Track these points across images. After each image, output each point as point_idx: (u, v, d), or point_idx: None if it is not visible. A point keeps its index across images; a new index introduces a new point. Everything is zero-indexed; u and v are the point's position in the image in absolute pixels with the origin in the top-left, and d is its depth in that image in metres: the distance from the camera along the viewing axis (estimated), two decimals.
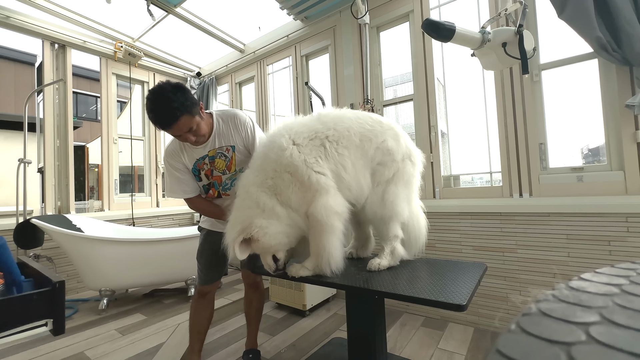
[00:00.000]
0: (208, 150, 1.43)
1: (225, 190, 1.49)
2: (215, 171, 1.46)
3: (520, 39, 1.46)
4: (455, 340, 1.88)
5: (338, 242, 1.18)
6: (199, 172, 1.46)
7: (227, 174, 1.46)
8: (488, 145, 2.18)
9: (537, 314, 0.25)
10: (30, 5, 2.73)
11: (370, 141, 1.26)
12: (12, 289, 2.16)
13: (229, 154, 1.45)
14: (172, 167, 1.45)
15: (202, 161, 1.45)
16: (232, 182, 1.47)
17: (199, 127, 1.33)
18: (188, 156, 1.44)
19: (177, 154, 1.44)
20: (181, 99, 1.24)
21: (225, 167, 1.46)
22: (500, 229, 1.98)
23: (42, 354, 1.84)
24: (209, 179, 1.47)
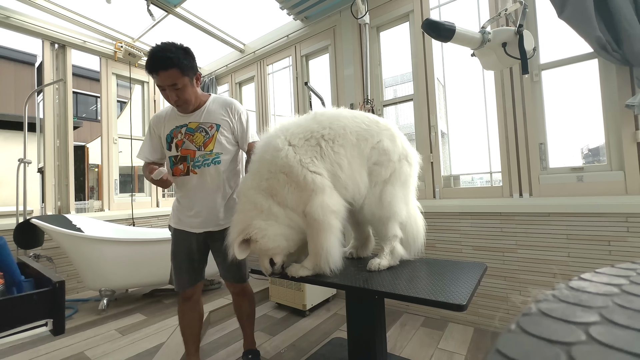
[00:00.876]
0: (189, 121, 1.42)
1: (195, 167, 1.41)
2: (189, 144, 1.40)
3: (520, 39, 1.46)
4: (455, 340, 1.88)
5: (336, 241, 1.19)
6: (172, 140, 1.43)
7: (202, 150, 1.41)
8: (488, 145, 2.18)
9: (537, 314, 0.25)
10: (30, 5, 2.73)
11: (366, 140, 1.26)
12: (12, 289, 2.16)
13: (211, 132, 1.42)
14: (151, 129, 1.48)
15: (178, 130, 1.42)
16: (204, 162, 1.41)
17: (185, 90, 1.33)
18: (168, 123, 1.45)
19: (161, 119, 1.47)
20: (180, 55, 1.29)
21: (203, 143, 1.41)
22: (500, 229, 1.98)
23: (42, 354, 1.84)
24: (177, 150, 1.41)
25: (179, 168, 1.44)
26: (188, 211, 1.46)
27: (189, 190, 1.44)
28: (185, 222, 1.47)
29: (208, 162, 1.42)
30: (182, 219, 1.48)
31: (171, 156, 1.45)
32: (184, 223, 1.48)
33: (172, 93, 1.32)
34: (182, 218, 1.48)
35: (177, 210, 1.50)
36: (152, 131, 1.49)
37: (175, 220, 1.51)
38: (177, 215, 1.50)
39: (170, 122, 1.45)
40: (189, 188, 1.44)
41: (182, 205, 1.48)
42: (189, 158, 1.41)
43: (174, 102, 1.35)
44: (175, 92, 1.32)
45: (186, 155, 1.41)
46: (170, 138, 1.43)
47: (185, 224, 1.47)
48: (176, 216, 1.51)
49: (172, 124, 1.44)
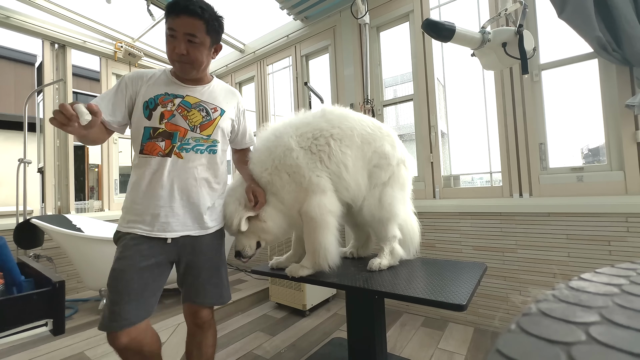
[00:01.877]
0: (187, 93, 1.15)
1: (181, 150, 1.11)
2: (181, 119, 1.11)
3: (520, 39, 1.46)
4: (455, 340, 1.88)
5: (333, 238, 1.22)
6: (155, 107, 1.10)
7: (197, 133, 1.14)
8: (488, 145, 2.18)
9: (537, 314, 0.25)
10: (30, 5, 2.73)
11: (369, 144, 1.30)
12: (12, 289, 2.16)
13: (213, 114, 1.18)
14: (123, 85, 1.14)
15: (169, 99, 1.12)
16: (197, 146, 1.14)
17: (199, 49, 1.09)
18: (154, 86, 1.14)
19: (143, 78, 1.15)
20: (212, 13, 1.11)
21: (200, 124, 1.14)
22: (500, 229, 1.98)
23: (42, 354, 1.84)
24: (160, 122, 1.09)
25: (157, 145, 1.09)
26: (157, 207, 1.08)
27: (165, 177, 1.09)
28: (152, 222, 1.07)
29: (202, 147, 1.16)
30: (147, 219, 1.07)
31: (148, 127, 1.10)
32: (148, 224, 1.07)
33: (183, 44, 1.05)
34: (147, 218, 1.07)
35: (138, 206, 1.08)
36: (124, 87, 1.13)
37: (132, 222, 1.08)
38: (136, 214, 1.08)
39: (157, 86, 1.14)
40: (166, 174, 1.09)
41: (149, 198, 1.08)
42: (176, 136, 1.11)
43: (178, 56, 1.07)
44: (187, 44, 1.06)
45: (173, 132, 1.10)
46: (154, 104, 1.10)
47: (151, 226, 1.07)
48: (135, 215, 1.08)
49: (160, 89, 1.13)
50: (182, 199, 1.12)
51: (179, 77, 1.17)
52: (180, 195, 1.11)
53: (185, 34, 1.05)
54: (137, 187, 1.10)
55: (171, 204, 1.10)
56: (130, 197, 1.11)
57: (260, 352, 1.83)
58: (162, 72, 1.18)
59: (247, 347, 1.88)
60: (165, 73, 1.18)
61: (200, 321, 1.20)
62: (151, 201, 1.08)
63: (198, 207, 1.15)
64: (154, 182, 1.09)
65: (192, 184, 1.13)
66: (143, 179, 1.09)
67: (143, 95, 1.12)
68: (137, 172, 1.11)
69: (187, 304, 1.20)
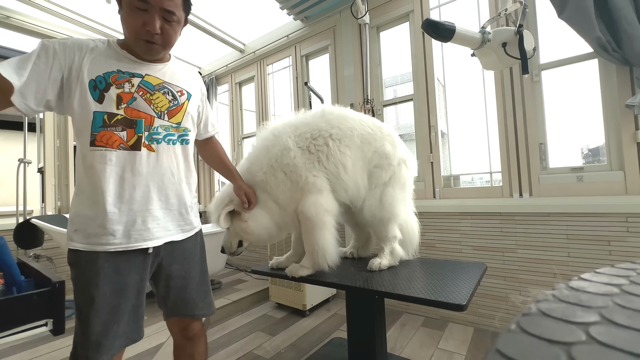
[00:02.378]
0: (146, 72, 0.95)
1: (151, 142, 0.94)
2: (144, 104, 0.93)
3: (520, 39, 1.46)
4: (455, 340, 1.88)
5: (331, 237, 1.22)
6: (107, 87, 0.88)
7: (166, 121, 0.97)
8: (488, 145, 2.18)
9: (537, 314, 0.25)
10: (30, 5, 2.72)
11: (369, 144, 1.30)
12: (12, 289, 2.16)
13: (181, 99, 1.01)
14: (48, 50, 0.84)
15: (125, 78, 0.91)
16: (168, 136, 0.98)
17: (174, 29, 0.93)
18: (101, 61, 0.90)
19: (82, 48, 0.89)
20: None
21: (167, 110, 0.97)
22: (500, 229, 1.98)
23: (42, 354, 1.84)
24: (118, 107, 0.89)
25: (115, 135, 0.89)
26: (132, 213, 0.91)
27: (137, 175, 0.91)
28: (126, 233, 0.90)
29: (174, 138, 0.99)
30: (119, 229, 0.88)
31: (100, 112, 0.88)
32: (122, 235, 0.89)
33: (158, 22, 0.87)
34: (118, 227, 0.89)
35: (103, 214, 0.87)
36: (52, 55, 0.84)
37: (96, 236, 0.87)
38: (101, 225, 0.87)
39: (104, 60, 0.91)
40: (139, 172, 0.91)
41: (119, 203, 0.89)
42: (141, 125, 0.92)
43: (148, 34, 0.88)
44: (162, 22, 0.89)
45: (136, 120, 0.91)
46: (105, 84, 0.88)
47: (127, 237, 0.90)
48: (99, 227, 0.87)
49: (110, 65, 0.91)
50: (161, 199, 0.96)
51: (134, 52, 0.94)
52: (159, 196, 0.96)
53: (161, 9, 0.87)
54: (96, 190, 0.87)
55: (148, 207, 0.93)
56: (85, 203, 0.88)
57: (260, 352, 1.83)
58: (106, 44, 0.94)
59: (247, 347, 1.88)
60: (111, 45, 0.94)
61: (191, 334, 1.08)
62: (122, 206, 0.89)
63: (179, 208, 1.01)
64: (122, 182, 0.90)
65: (170, 181, 0.98)
66: (104, 180, 0.87)
67: (87, 71, 0.87)
68: (92, 172, 0.88)
69: (175, 318, 1.06)
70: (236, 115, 3.90)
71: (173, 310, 1.04)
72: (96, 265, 0.87)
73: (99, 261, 0.88)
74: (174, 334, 1.11)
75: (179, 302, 1.04)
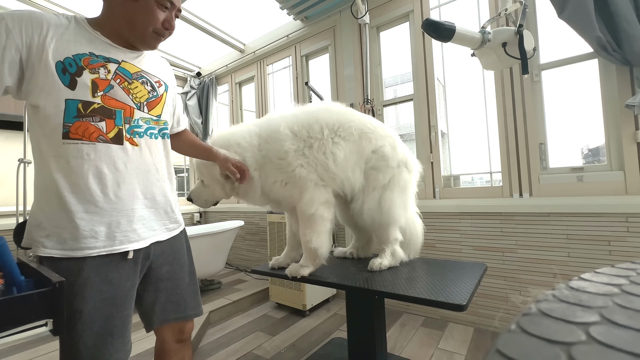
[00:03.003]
0: (123, 58, 0.88)
1: (134, 135, 0.87)
2: (122, 93, 0.85)
3: (520, 39, 1.46)
4: (455, 340, 1.88)
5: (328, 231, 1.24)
6: (79, 71, 0.79)
7: (146, 113, 0.91)
8: (488, 145, 2.18)
9: (537, 314, 0.25)
10: (30, 6, 2.72)
11: (369, 141, 1.27)
12: (12, 289, 2.16)
13: (159, 90, 0.96)
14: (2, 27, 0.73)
15: (99, 62, 0.82)
16: (149, 129, 0.91)
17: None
18: (69, 40, 0.80)
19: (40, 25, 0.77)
20: None
21: (147, 101, 0.91)
22: (500, 229, 1.98)
23: (42, 354, 1.84)
24: (93, 95, 0.80)
25: (91, 126, 0.80)
26: (116, 213, 0.83)
27: (121, 172, 0.84)
28: (110, 235, 0.82)
29: (155, 131, 0.93)
30: (101, 231, 0.81)
31: (73, 100, 0.78)
32: (106, 237, 0.81)
33: (173, 19, 0.90)
34: (101, 229, 0.81)
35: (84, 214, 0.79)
36: (6, 32, 0.73)
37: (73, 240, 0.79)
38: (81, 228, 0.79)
39: (74, 40, 0.81)
40: (123, 168, 0.84)
41: (102, 202, 0.81)
42: (120, 116, 0.84)
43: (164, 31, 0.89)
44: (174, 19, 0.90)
45: (115, 110, 0.83)
46: (76, 67, 0.79)
47: (110, 239, 0.82)
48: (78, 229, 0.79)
49: (80, 46, 0.81)
50: (147, 197, 0.90)
51: (110, 34, 0.86)
52: (144, 194, 0.89)
53: (177, 9, 0.90)
54: (72, 189, 0.78)
55: (133, 206, 0.86)
56: (57, 204, 0.78)
57: (260, 352, 1.83)
58: (72, 21, 0.83)
59: (247, 347, 1.88)
60: (80, 24, 0.84)
61: (185, 336, 1.02)
62: (105, 205, 0.81)
63: (165, 206, 0.96)
64: (104, 179, 0.81)
65: (155, 177, 0.92)
66: (82, 177, 0.79)
67: (52, 51, 0.76)
68: (66, 168, 0.78)
69: (165, 325, 0.98)
70: (236, 116, 3.90)
71: (163, 315, 0.96)
72: (81, 276, 0.79)
73: (84, 271, 0.79)
74: (164, 342, 1.00)
75: (170, 305, 0.97)
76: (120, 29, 0.86)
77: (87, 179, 0.80)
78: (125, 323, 0.86)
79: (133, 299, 0.89)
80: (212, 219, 4.01)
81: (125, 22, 0.85)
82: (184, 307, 1.00)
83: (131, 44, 0.90)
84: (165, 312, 0.97)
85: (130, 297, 0.88)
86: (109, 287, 0.82)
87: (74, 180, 0.79)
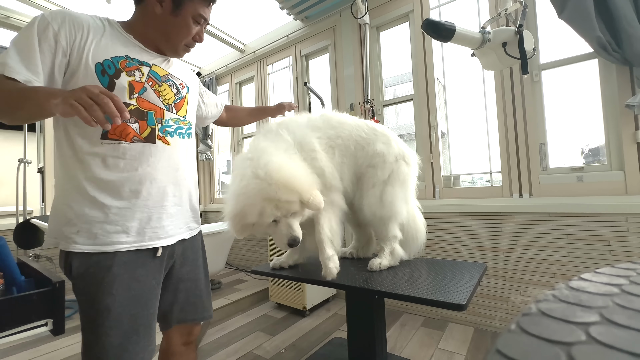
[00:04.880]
0: (153, 62, 0.92)
1: (166, 134, 0.91)
2: (153, 95, 0.89)
3: (520, 39, 1.46)
4: (455, 340, 1.88)
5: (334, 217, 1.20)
6: (117, 73, 0.82)
7: (174, 113, 0.95)
8: (488, 145, 2.18)
9: (537, 314, 0.25)
10: (30, 5, 2.72)
11: (363, 149, 1.28)
12: (12, 288, 2.16)
13: (182, 92, 1.00)
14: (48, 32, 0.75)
15: (135, 65, 0.87)
16: (178, 129, 0.96)
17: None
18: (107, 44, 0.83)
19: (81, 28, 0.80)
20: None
21: (174, 103, 0.96)
22: (500, 229, 1.97)
23: (42, 354, 1.84)
24: (130, 97, 0.84)
25: (130, 128, 0.84)
26: (147, 208, 0.86)
27: (154, 169, 0.87)
28: (140, 230, 0.84)
29: (182, 131, 0.97)
30: (132, 226, 0.83)
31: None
32: (136, 233, 0.83)
33: (203, 33, 0.98)
34: (133, 224, 0.83)
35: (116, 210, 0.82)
36: (52, 38, 0.76)
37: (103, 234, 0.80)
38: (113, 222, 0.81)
39: (111, 42, 0.84)
40: (155, 166, 0.87)
41: (134, 198, 0.84)
42: (151, 117, 0.88)
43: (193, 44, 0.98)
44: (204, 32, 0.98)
45: (147, 112, 0.87)
46: (114, 70, 0.82)
47: (140, 235, 0.84)
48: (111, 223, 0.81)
49: (117, 49, 0.85)
50: (175, 195, 0.93)
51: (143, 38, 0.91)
52: (174, 192, 0.92)
53: (207, 23, 0.97)
54: (107, 185, 0.81)
55: (163, 203, 0.89)
56: (89, 202, 0.80)
57: (260, 352, 1.83)
58: (107, 23, 0.88)
59: (247, 347, 1.88)
60: (114, 27, 0.89)
61: (192, 338, 1.04)
62: (138, 202, 0.84)
63: (190, 205, 0.99)
64: (137, 176, 0.84)
65: (182, 176, 0.96)
66: (118, 174, 0.82)
67: (92, 53, 0.80)
68: (102, 165, 0.81)
69: (177, 326, 0.99)
70: None
71: (181, 315, 0.98)
72: (110, 273, 0.79)
73: (114, 268, 0.80)
74: (170, 343, 1.00)
75: (188, 306, 0.99)
76: (154, 38, 0.92)
77: (122, 176, 0.83)
78: (151, 322, 0.86)
79: (158, 298, 0.90)
80: (212, 219, 4.01)
81: (161, 33, 0.91)
82: (201, 309, 1.02)
83: (161, 51, 0.95)
84: (183, 312, 0.98)
85: (155, 295, 0.88)
86: (137, 284, 0.83)
87: (108, 177, 0.81)
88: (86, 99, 0.62)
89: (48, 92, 0.69)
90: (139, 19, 0.91)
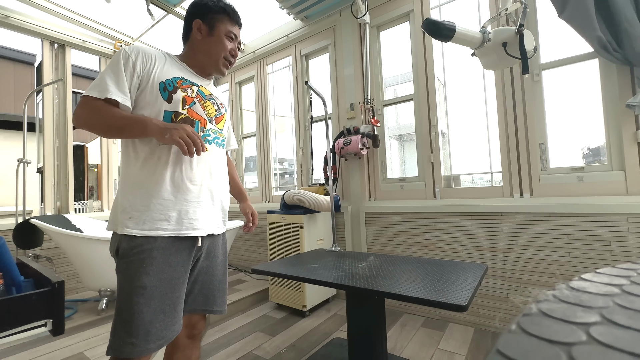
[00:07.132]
0: (201, 83, 1.12)
1: (206, 141, 1.08)
2: (200, 108, 1.07)
3: (521, 39, 1.46)
4: (455, 340, 1.88)
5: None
6: (175, 89, 1.02)
7: (214, 125, 1.12)
8: (488, 145, 2.18)
9: (537, 314, 0.24)
10: (30, 5, 2.73)
11: None
12: (11, 289, 2.16)
13: (222, 110, 1.18)
14: (129, 63, 0.97)
15: (188, 84, 1.07)
16: (216, 139, 1.13)
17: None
18: (167, 67, 1.05)
19: (152, 57, 1.02)
20: None
21: (215, 117, 1.13)
22: (501, 229, 1.97)
23: (41, 354, 1.84)
24: (183, 108, 1.02)
25: None
26: (186, 202, 1.00)
27: (195, 169, 1.04)
28: (179, 220, 0.99)
29: (219, 141, 1.15)
30: (172, 216, 0.97)
31: (169, 111, 1.00)
32: (176, 222, 0.98)
33: (236, 49, 1.18)
34: (172, 214, 0.97)
35: (161, 200, 0.96)
36: (132, 67, 0.98)
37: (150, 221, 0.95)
38: (159, 211, 0.96)
39: (170, 68, 1.06)
40: (196, 166, 1.04)
41: (177, 192, 0.99)
42: (197, 125, 1.05)
43: (231, 57, 1.15)
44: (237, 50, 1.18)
45: (194, 121, 1.05)
46: (173, 86, 1.02)
47: (179, 224, 0.99)
48: (157, 212, 0.95)
49: (176, 72, 1.06)
50: (209, 194, 1.07)
51: (194, 66, 1.13)
52: (208, 190, 1.07)
53: (239, 41, 1.19)
54: (158, 180, 0.97)
55: (199, 200, 1.03)
56: (145, 195, 0.95)
57: (260, 352, 1.83)
58: (167, 55, 1.09)
59: (247, 348, 1.88)
60: (172, 57, 1.10)
61: (197, 331, 1.13)
62: (179, 195, 0.99)
63: (220, 204, 1.12)
64: (181, 174, 1.00)
65: (216, 177, 1.11)
66: (167, 170, 0.98)
67: (156, 74, 1.00)
68: (158, 164, 0.97)
69: (189, 315, 1.09)
70: (236, 115, 3.90)
71: (192, 305, 1.08)
72: (151, 255, 0.93)
73: (154, 251, 0.93)
74: (178, 336, 1.07)
75: (201, 297, 1.09)
76: (200, 61, 1.13)
77: (170, 173, 0.99)
78: (177, 304, 0.97)
79: (185, 284, 1.01)
80: None
81: (204, 54, 1.12)
82: (212, 302, 1.12)
83: (207, 73, 1.16)
84: (195, 302, 1.09)
85: (183, 281, 1.00)
86: (169, 269, 0.96)
87: (161, 172, 0.98)
88: (186, 138, 0.89)
89: (156, 124, 0.91)
90: (188, 50, 1.14)
